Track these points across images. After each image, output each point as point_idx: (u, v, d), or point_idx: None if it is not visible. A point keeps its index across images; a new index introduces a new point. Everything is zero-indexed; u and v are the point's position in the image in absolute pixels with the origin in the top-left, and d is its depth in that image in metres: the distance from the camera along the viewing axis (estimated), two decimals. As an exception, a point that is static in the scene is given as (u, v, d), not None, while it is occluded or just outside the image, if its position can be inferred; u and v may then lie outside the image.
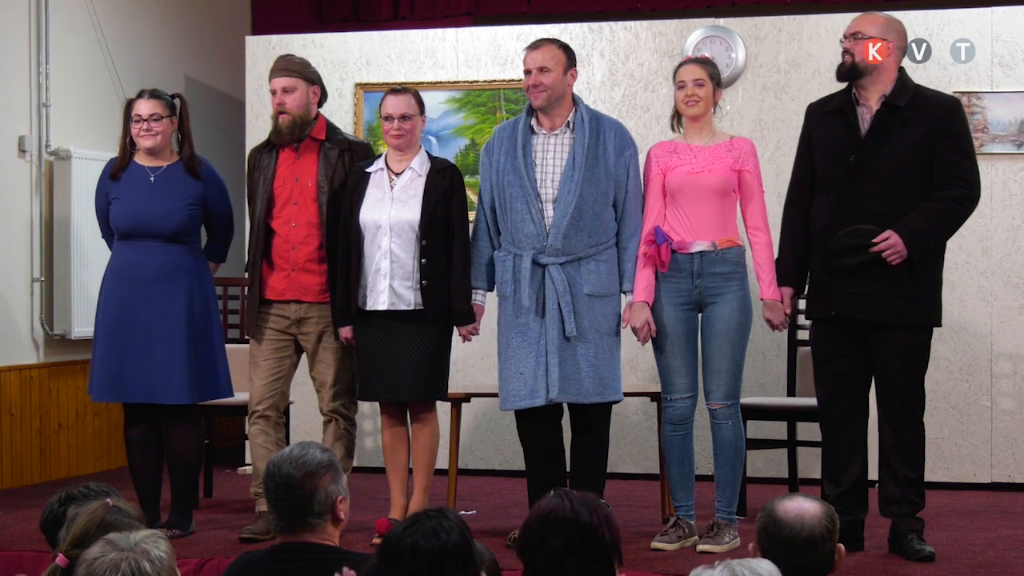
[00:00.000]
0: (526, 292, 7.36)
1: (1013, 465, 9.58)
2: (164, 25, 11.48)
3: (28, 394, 10.17)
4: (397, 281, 7.62)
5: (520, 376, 7.40)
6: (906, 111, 7.15)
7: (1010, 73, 9.52)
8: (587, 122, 7.52)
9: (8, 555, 7.26)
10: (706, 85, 7.42)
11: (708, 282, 7.37)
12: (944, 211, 7.16)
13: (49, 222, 10.30)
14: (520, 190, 7.41)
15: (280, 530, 5.14)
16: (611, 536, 4.58)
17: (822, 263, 7.21)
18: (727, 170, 7.38)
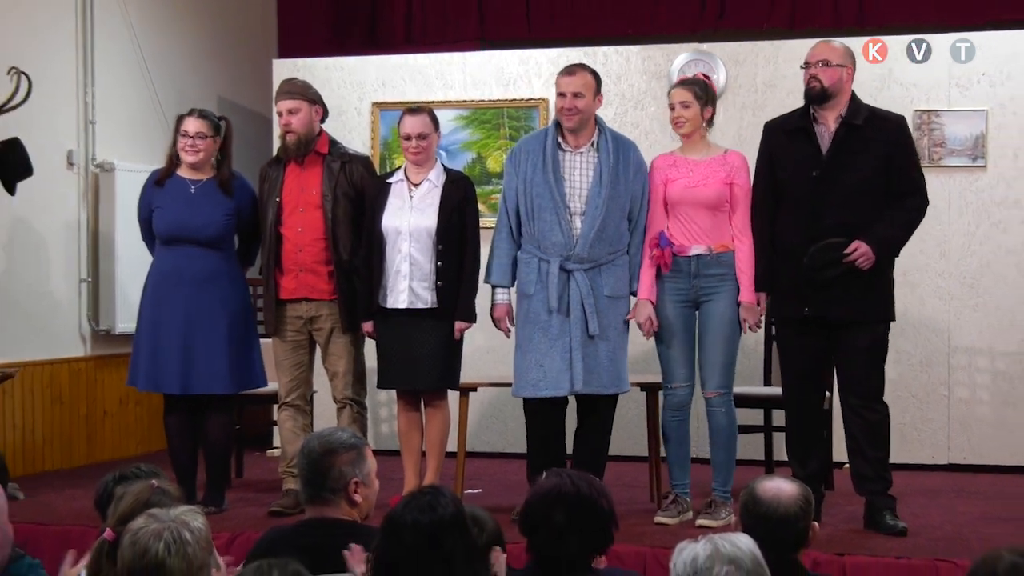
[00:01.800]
0: (553, 294, 7.45)
1: (968, 448, 9.66)
2: (199, 49, 11.50)
3: (76, 384, 10.22)
4: (416, 282, 7.71)
5: (540, 368, 7.47)
6: (863, 130, 7.24)
7: (966, 93, 9.59)
8: (610, 142, 7.60)
9: (58, 530, 7.28)
10: (692, 106, 7.45)
11: (704, 282, 7.47)
12: (905, 219, 7.31)
13: (95, 228, 10.34)
14: (550, 202, 7.46)
15: (303, 500, 5.32)
16: (608, 507, 4.69)
17: (803, 277, 7.24)
18: (720, 184, 7.45)
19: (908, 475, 7.77)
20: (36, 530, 7.13)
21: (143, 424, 10.39)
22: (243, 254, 8.31)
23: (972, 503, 8.31)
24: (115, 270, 10.28)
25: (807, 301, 7.31)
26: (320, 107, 8.13)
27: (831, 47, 7.40)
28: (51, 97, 9.77)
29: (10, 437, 9.41)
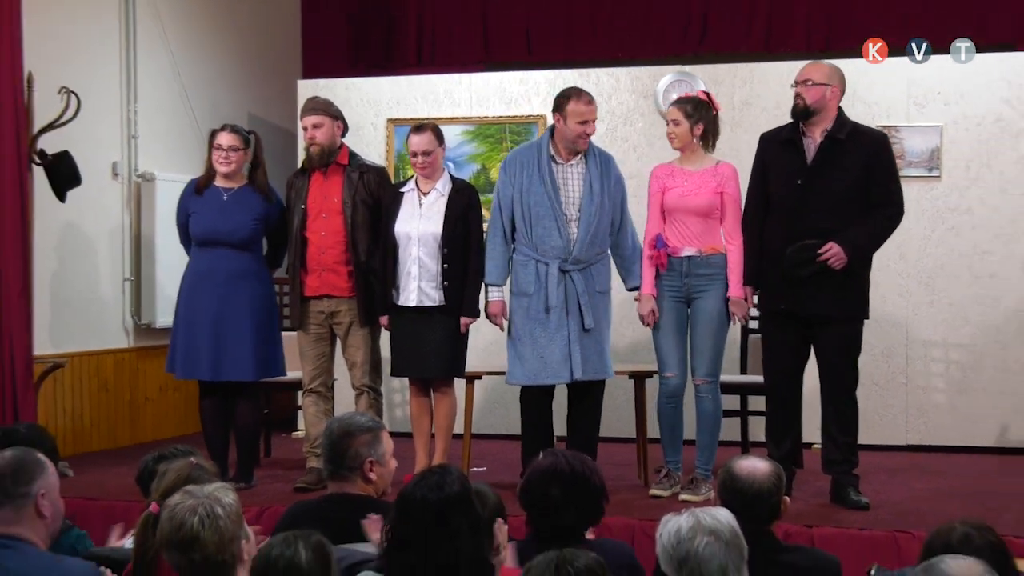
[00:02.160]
0: (553, 293, 7.49)
1: (924, 431, 9.67)
2: (231, 70, 11.49)
3: (120, 373, 10.22)
4: (424, 282, 7.75)
5: (541, 359, 7.52)
6: (845, 144, 7.23)
7: (922, 111, 9.60)
8: (596, 156, 7.69)
9: (103, 504, 7.28)
10: (682, 123, 7.50)
11: (694, 281, 7.50)
12: (877, 226, 7.31)
13: (137, 233, 10.35)
14: (549, 210, 7.50)
15: (325, 477, 5.43)
16: (599, 483, 4.80)
17: (781, 275, 7.30)
18: (711, 193, 7.48)
19: (870, 455, 7.76)
20: (84, 504, 7.12)
21: (180, 409, 10.39)
22: (271, 256, 8.35)
23: (928, 480, 8.33)
24: (155, 270, 10.29)
25: (784, 298, 7.37)
26: (341, 123, 8.18)
27: (817, 67, 7.42)
28: (97, 114, 9.76)
29: (61, 421, 9.41)
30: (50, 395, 9.36)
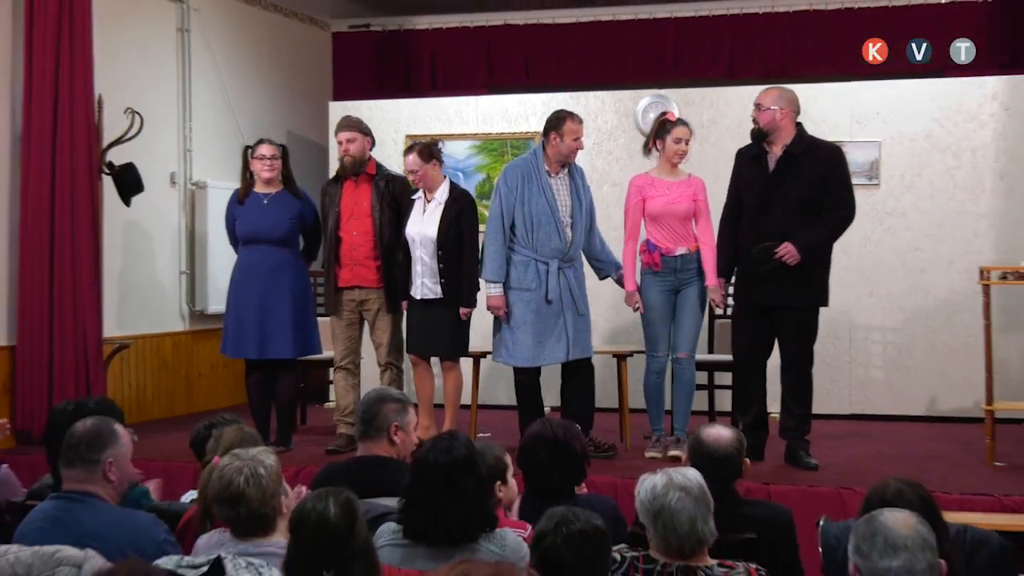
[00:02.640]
0: (554, 287, 7.54)
1: (865, 402, 9.70)
2: (272, 93, 11.48)
3: (177, 352, 10.23)
4: (426, 278, 7.86)
5: (540, 344, 7.58)
6: (800, 157, 7.26)
7: (863, 128, 9.63)
8: (575, 169, 7.76)
9: (162, 465, 7.29)
10: (689, 142, 7.69)
11: (683, 275, 7.59)
12: (829, 228, 7.34)
13: (191, 232, 10.34)
14: (549, 218, 7.55)
15: (357, 437, 5.47)
16: (580, 447, 4.97)
17: (745, 272, 7.43)
18: (689, 200, 7.58)
19: (819, 423, 7.76)
20: (145, 464, 7.12)
21: (229, 383, 10.38)
22: (306, 252, 8.37)
23: (867, 445, 8.34)
24: (207, 264, 10.30)
25: (751, 290, 7.45)
26: (370, 138, 8.24)
27: (767, 93, 7.43)
28: (157, 130, 9.76)
29: (126, 393, 9.42)
30: (117, 372, 9.37)
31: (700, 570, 4.00)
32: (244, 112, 11.07)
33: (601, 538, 3.48)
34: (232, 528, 4.17)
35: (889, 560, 3.13)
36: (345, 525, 3.44)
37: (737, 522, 4.52)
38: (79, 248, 8.64)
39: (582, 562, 3.42)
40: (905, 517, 3.23)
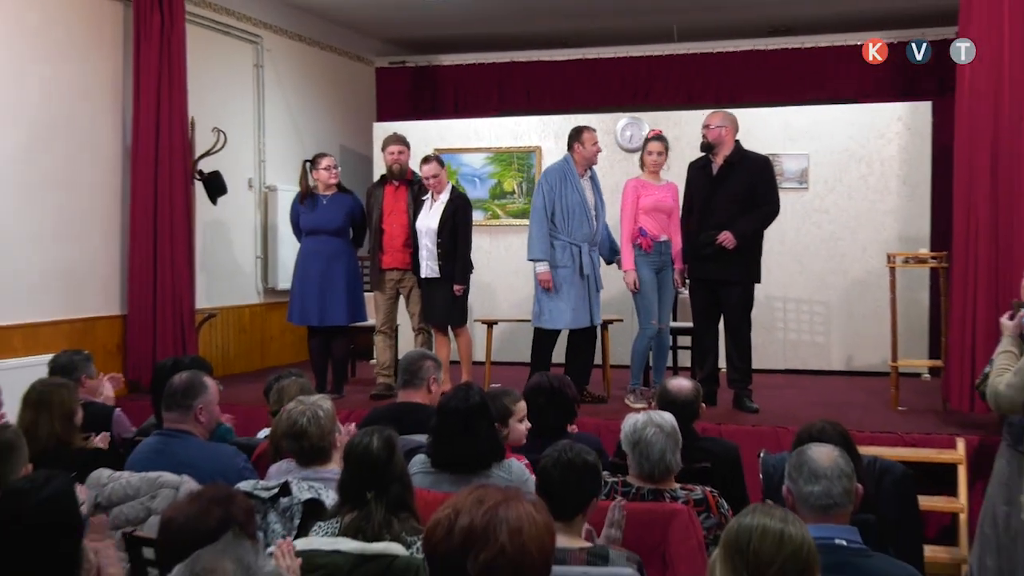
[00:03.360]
0: (587, 264, 7.59)
1: (795, 359, 9.69)
2: (328, 114, 11.46)
3: (254, 320, 10.24)
4: (429, 261, 7.89)
5: (573, 311, 7.59)
6: (738, 165, 7.30)
7: (795, 144, 9.59)
8: (593, 172, 7.78)
9: (242, 408, 7.27)
10: (663, 153, 7.72)
11: (664, 257, 7.63)
12: (758, 220, 7.35)
13: (264, 225, 10.35)
14: (581, 209, 7.58)
15: (398, 387, 5.50)
16: (571, 394, 5.03)
17: (694, 254, 7.43)
18: (671, 200, 7.66)
19: (759, 376, 7.74)
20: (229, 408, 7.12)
21: (294, 345, 10.37)
22: (355, 240, 8.33)
23: (798, 393, 8.34)
24: (277, 250, 10.29)
25: (698, 270, 7.46)
26: (409, 152, 8.24)
27: (714, 115, 7.47)
28: (238, 144, 9.73)
29: (214, 352, 9.42)
30: (207, 335, 9.37)
31: (667, 492, 4.02)
32: (306, 130, 11.04)
33: (593, 469, 3.48)
34: (297, 458, 4.20)
35: (812, 486, 3.13)
36: (385, 456, 3.44)
37: (695, 454, 4.53)
38: (176, 238, 8.65)
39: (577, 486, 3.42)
40: (828, 451, 3.22)
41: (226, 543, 2.01)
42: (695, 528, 3.78)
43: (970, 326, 6.86)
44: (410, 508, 3.45)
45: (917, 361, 8.73)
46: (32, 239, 7.82)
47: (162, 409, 4.68)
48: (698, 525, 3.82)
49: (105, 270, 8.57)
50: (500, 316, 8.84)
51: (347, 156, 11.41)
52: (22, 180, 7.74)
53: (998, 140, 6.76)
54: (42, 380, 5.02)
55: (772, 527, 2.47)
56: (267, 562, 1.99)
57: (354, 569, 3.14)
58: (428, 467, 4.13)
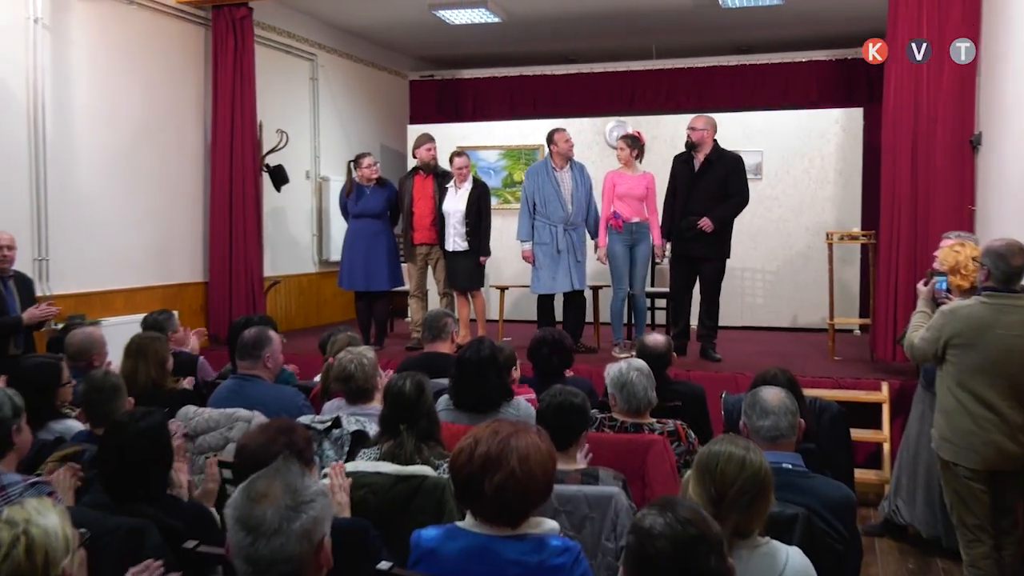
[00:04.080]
0: (561, 241, 7.53)
1: (751, 318, 9.64)
2: (370, 117, 11.40)
3: (310, 286, 10.22)
4: (457, 237, 7.85)
5: (553, 279, 7.57)
6: (716, 162, 7.26)
7: (752, 142, 9.51)
8: (575, 165, 7.69)
9: (302, 357, 7.29)
10: (624, 150, 7.54)
11: (635, 236, 7.47)
12: (731, 208, 7.30)
13: (319, 209, 10.30)
14: (555, 197, 7.53)
15: (425, 341, 5.50)
16: (568, 345, 5.03)
17: (678, 235, 7.37)
18: (643, 188, 7.48)
19: (722, 332, 7.73)
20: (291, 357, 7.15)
21: (344, 306, 10.37)
22: (391, 221, 8.26)
23: (753, 345, 8.30)
24: (329, 229, 10.24)
25: (682, 248, 7.42)
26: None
27: (699, 119, 7.41)
28: (298, 142, 9.71)
29: (278, 312, 9.40)
30: (272, 298, 9.37)
31: (645, 425, 4.02)
32: (352, 131, 10.98)
33: (580, 409, 3.48)
34: (346, 397, 4.20)
35: (764, 420, 3.13)
36: (416, 396, 3.45)
37: (668, 395, 4.54)
38: (248, 219, 8.65)
39: (568, 423, 3.42)
40: (776, 392, 3.22)
41: (276, 468, 2.00)
42: (669, 454, 3.79)
43: (893, 291, 6.87)
44: (437, 438, 3.47)
45: (850, 319, 8.72)
46: (133, 221, 7.85)
47: (237, 358, 4.69)
48: (671, 452, 3.83)
49: (191, 245, 8.58)
50: (509, 283, 8.83)
51: (385, 153, 11.37)
52: (125, 174, 7.76)
53: (916, 140, 6.76)
54: (139, 334, 5.04)
55: (736, 453, 2.48)
56: (312, 483, 1.99)
57: (392, 487, 3.15)
58: (450, 406, 4.14)
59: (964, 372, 4.05)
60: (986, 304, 4.01)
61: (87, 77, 7.40)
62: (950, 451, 4.11)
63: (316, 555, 1.94)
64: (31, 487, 3.06)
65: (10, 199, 6.75)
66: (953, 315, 4.08)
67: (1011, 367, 3.97)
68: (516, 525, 2.51)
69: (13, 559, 1.94)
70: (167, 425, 3.06)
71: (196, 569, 2.69)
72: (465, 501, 2.56)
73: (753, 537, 2.43)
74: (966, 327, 4.03)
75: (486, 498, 2.46)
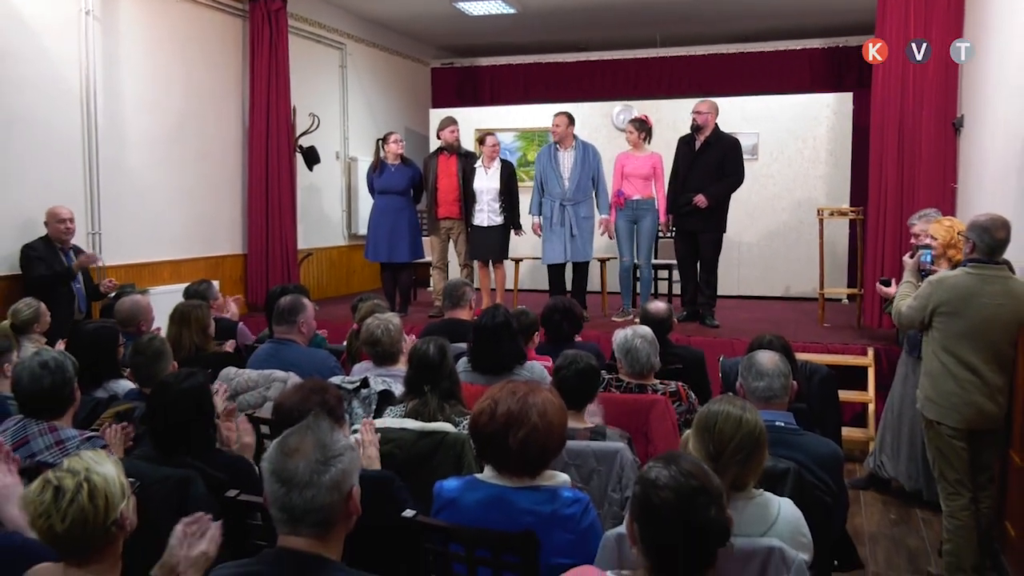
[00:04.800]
0: (557, 216, 7.47)
1: (747, 287, 9.57)
2: (395, 102, 11.35)
3: (340, 258, 10.23)
4: (491, 213, 7.76)
5: (554, 250, 7.52)
6: (715, 143, 7.22)
7: (749, 124, 9.41)
8: (580, 145, 7.58)
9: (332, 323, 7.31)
10: (633, 133, 7.50)
11: (638, 212, 7.45)
12: (725, 186, 7.26)
13: (348, 187, 10.28)
14: (554, 176, 7.47)
15: (445, 309, 5.50)
16: (578, 311, 5.01)
17: (678, 211, 7.35)
18: (649, 167, 7.43)
19: (721, 301, 7.70)
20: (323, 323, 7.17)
21: (371, 277, 10.37)
22: (415, 198, 8.20)
23: (748, 312, 8.25)
24: (358, 205, 10.20)
25: (681, 223, 7.40)
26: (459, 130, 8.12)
27: (703, 103, 7.37)
28: (329, 125, 9.68)
29: (311, 281, 9.43)
30: (306, 268, 9.39)
31: (648, 386, 4.01)
32: (378, 115, 10.93)
33: (594, 372, 3.47)
34: (373, 360, 4.20)
35: (759, 381, 3.11)
36: (438, 359, 3.45)
37: (670, 358, 4.52)
38: (283, 196, 8.65)
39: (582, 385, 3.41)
40: (770, 355, 3.20)
41: (307, 425, 2.02)
42: (670, 413, 3.79)
43: (879, 263, 6.83)
44: (458, 397, 3.47)
45: (839, 289, 8.64)
46: (177, 198, 7.85)
47: (273, 323, 4.70)
48: (673, 411, 3.83)
49: (230, 220, 8.58)
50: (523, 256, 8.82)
51: (409, 135, 11.32)
52: (170, 155, 7.76)
53: (903, 122, 6.71)
54: (182, 302, 5.05)
55: (733, 412, 2.46)
56: (341, 438, 2.00)
57: (416, 442, 3.16)
58: (469, 368, 4.14)
59: (949, 338, 4.02)
60: (971, 275, 3.98)
61: (134, 65, 7.39)
62: (934, 411, 4.09)
63: (345, 504, 1.95)
64: (86, 441, 3.09)
65: (66, 178, 6.78)
66: (940, 285, 4.05)
67: (993, 334, 3.95)
68: (536, 475, 2.53)
69: (78, 503, 1.99)
70: (208, 385, 3.07)
71: (237, 516, 2.71)
72: (488, 457, 2.57)
73: (748, 489, 2.42)
74: (952, 296, 4.00)
75: (511, 452, 2.48)
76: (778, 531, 2.34)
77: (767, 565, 2.23)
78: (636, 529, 1.88)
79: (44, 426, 3.09)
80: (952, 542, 4.07)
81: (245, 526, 2.72)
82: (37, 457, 2.93)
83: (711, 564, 1.86)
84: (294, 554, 1.92)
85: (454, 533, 2.53)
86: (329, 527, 1.94)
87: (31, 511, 2.01)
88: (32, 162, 6.50)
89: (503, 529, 2.47)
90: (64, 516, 1.98)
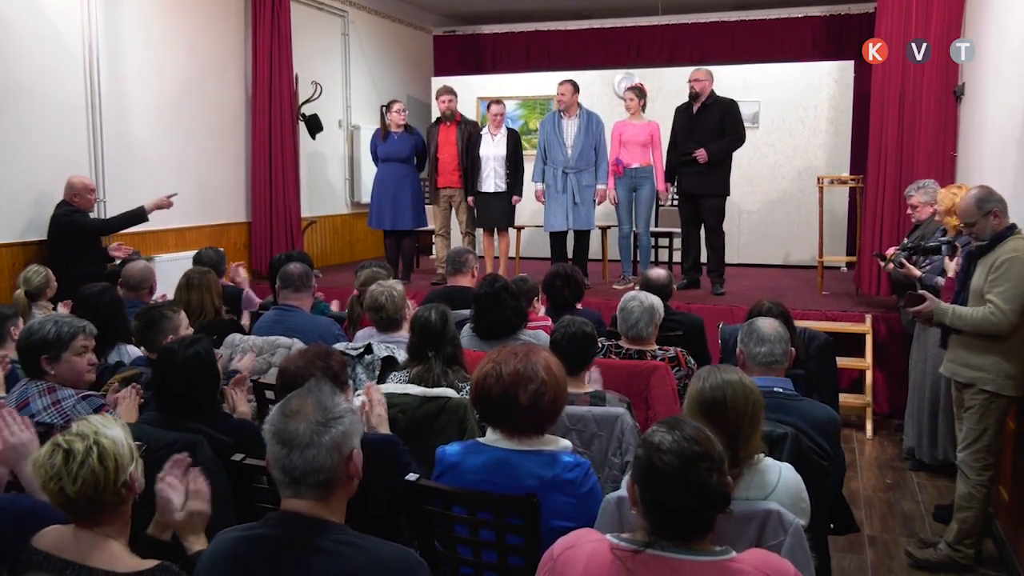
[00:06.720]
0: (560, 183, 7.44)
1: (747, 255, 9.56)
2: (398, 71, 11.27)
3: (343, 226, 10.19)
4: (497, 179, 7.73)
5: (556, 217, 7.51)
6: (712, 106, 7.20)
7: (750, 92, 9.34)
8: (584, 114, 7.53)
9: (334, 290, 7.31)
10: (633, 100, 7.53)
11: (637, 180, 7.47)
12: (724, 144, 7.22)
13: (351, 155, 10.23)
14: (557, 143, 7.45)
15: (447, 274, 5.46)
16: (580, 279, 5.00)
17: (680, 172, 7.34)
18: (646, 135, 7.46)
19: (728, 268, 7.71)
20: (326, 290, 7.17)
21: (374, 243, 10.37)
22: (418, 166, 8.18)
23: (749, 280, 8.23)
24: (360, 174, 10.14)
25: (684, 185, 7.37)
26: (457, 98, 8.06)
27: (701, 71, 7.37)
28: (331, 94, 9.62)
29: (315, 250, 9.41)
30: (310, 236, 9.36)
31: (648, 352, 4.02)
32: (381, 83, 10.86)
33: (590, 337, 3.47)
34: (376, 326, 4.20)
35: (759, 347, 3.11)
36: (440, 325, 3.45)
37: (670, 324, 4.53)
38: (286, 164, 8.61)
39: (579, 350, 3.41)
40: (771, 322, 3.20)
41: (308, 388, 2.03)
42: (670, 378, 3.79)
43: (878, 231, 6.82)
44: (460, 363, 3.48)
45: (837, 257, 8.68)
46: (181, 165, 7.81)
47: (280, 289, 4.70)
48: (672, 376, 3.83)
49: (234, 188, 8.54)
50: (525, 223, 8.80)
51: (411, 103, 11.23)
52: (174, 123, 7.72)
53: (904, 92, 6.67)
54: (195, 268, 5.05)
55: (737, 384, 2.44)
56: (341, 400, 2.01)
57: (419, 406, 3.17)
58: (471, 333, 4.15)
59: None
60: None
61: (137, 33, 7.32)
62: (1014, 388, 3.93)
63: (346, 466, 1.96)
64: (83, 400, 3.09)
65: (71, 146, 6.75)
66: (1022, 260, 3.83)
67: None
68: (544, 431, 2.56)
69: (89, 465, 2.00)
70: (212, 351, 3.08)
71: (243, 480, 2.72)
72: (496, 419, 2.57)
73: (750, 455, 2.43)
74: None
75: (522, 409, 2.50)
76: (778, 496, 2.35)
77: (764, 526, 2.24)
78: (637, 491, 1.88)
79: (43, 386, 3.09)
80: (970, 509, 4.05)
81: (251, 489, 2.73)
82: (36, 418, 2.94)
83: (710, 527, 1.87)
84: (296, 516, 1.93)
85: (457, 496, 2.55)
86: (330, 489, 1.94)
87: (42, 475, 2.01)
88: (37, 131, 6.47)
89: (505, 492, 2.48)
90: (75, 478, 1.99)
